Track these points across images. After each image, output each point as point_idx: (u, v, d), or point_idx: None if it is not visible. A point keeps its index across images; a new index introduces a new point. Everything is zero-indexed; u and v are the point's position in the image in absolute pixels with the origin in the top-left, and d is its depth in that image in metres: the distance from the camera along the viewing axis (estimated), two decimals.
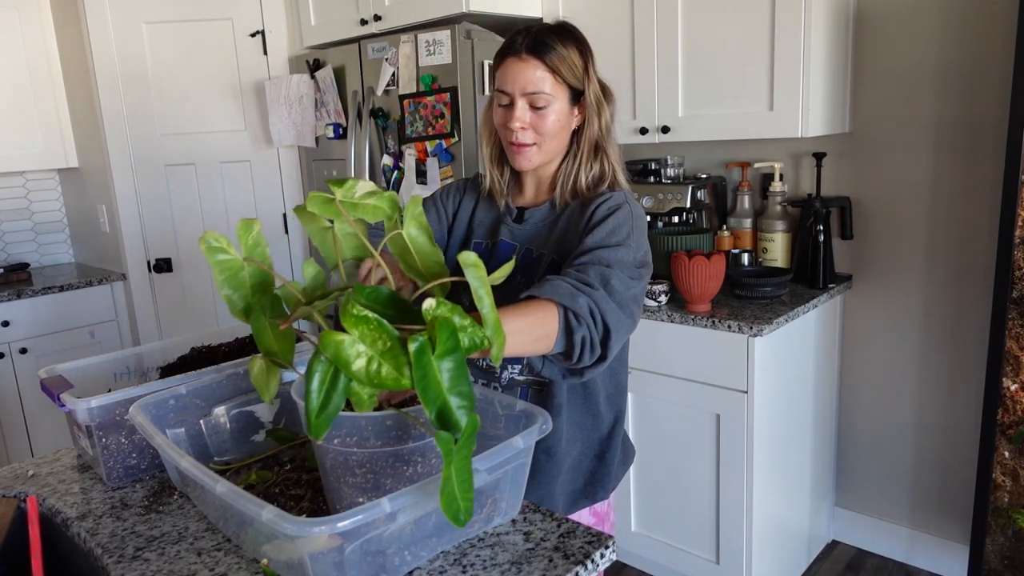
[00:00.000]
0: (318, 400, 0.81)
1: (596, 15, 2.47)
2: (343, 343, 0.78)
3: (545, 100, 1.22)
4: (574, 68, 1.24)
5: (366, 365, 0.79)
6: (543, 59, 1.21)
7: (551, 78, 1.22)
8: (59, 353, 3.06)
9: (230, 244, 0.94)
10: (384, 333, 0.79)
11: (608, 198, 1.25)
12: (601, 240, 1.18)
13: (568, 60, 1.23)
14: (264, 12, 3.04)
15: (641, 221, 1.25)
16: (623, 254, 1.17)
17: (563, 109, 1.25)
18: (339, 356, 0.78)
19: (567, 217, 1.29)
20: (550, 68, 1.21)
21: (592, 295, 1.08)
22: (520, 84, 1.22)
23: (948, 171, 2.19)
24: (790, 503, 2.31)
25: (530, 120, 1.24)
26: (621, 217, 1.21)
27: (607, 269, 1.13)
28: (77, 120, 3.26)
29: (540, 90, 1.22)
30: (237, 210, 3.19)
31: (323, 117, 2.89)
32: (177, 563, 0.98)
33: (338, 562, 0.84)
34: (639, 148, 2.76)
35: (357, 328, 0.79)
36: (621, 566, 2.51)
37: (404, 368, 0.79)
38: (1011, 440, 1.90)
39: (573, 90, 1.25)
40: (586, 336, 1.07)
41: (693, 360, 2.13)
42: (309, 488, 1.10)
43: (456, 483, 0.79)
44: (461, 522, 0.79)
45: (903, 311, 2.34)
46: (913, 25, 2.18)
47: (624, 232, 1.20)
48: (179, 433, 1.18)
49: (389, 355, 0.79)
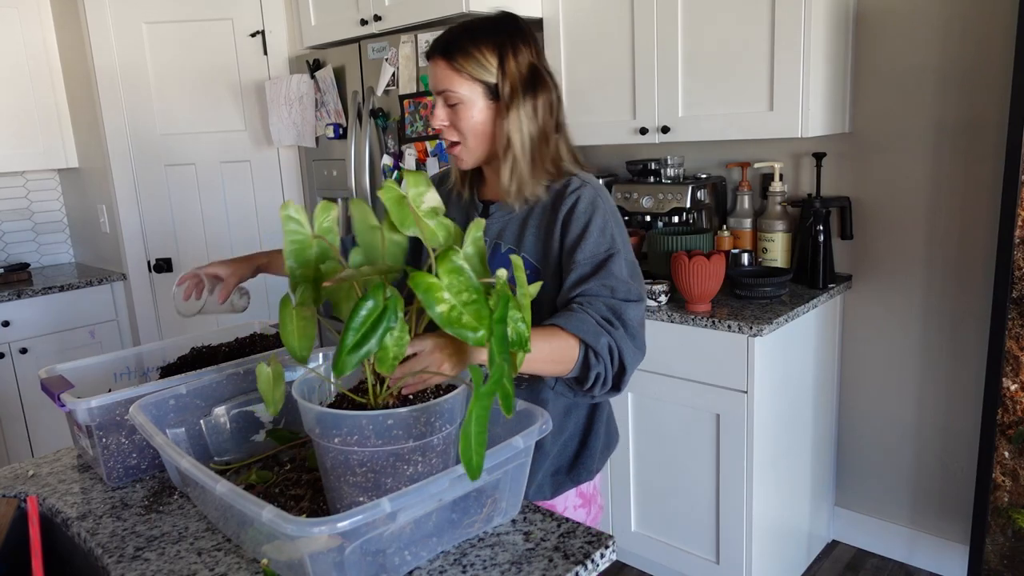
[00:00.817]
0: (354, 339, 0.83)
1: (596, 15, 2.47)
2: (434, 284, 0.83)
3: (456, 98, 1.23)
4: (484, 64, 1.22)
5: (448, 311, 0.84)
6: (447, 59, 1.23)
7: (456, 76, 1.23)
8: (59, 353, 3.06)
9: (307, 220, 0.98)
10: (471, 286, 0.86)
11: (576, 197, 1.25)
12: (592, 255, 1.21)
13: (476, 57, 1.22)
14: (264, 12, 3.04)
15: (614, 212, 1.28)
16: (619, 267, 1.21)
17: (482, 104, 1.24)
18: (428, 295, 0.83)
19: (537, 217, 1.28)
20: (454, 68, 1.23)
21: (613, 334, 1.15)
22: (433, 84, 1.26)
23: (948, 171, 2.19)
24: (790, 503, 2.31)
25: (449, 118, 1.26)
26: (599, 220, 1.23)
27: (619, 303, 1.18)
28: (77, 120, 3.27)
29: (448, 88, 1.23)
30: (237, 210, 3.20)
31: (323, 117, 2.89)
32: (177, 563, 0.98)
33: (338, 562, 0.84)
34: (639, 148, 2.76)
35: (448, 277, 0.84)
36: (621, 566, 2.51)
37: (484, 321, 0.84)
38: (1011, 440, 1.90)
39: (491, 85, 1.24)
40: (601, 373, 1.14)
41: (693, 360, 2.13)
42: (309, 488, 1.10)
43: (473, 432, 0.81)
44: (474, 474, 0.82)
45: (903, 311, 2.34)
46: (913, 25, 2.18)
47: (608, 236, 1.23)
48: (179, 433, 1.18)
49: (472, 307, 0.85)
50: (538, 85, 1.26)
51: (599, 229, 1.22)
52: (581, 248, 1.21)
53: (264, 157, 3.16)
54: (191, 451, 1.18)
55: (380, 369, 0.88)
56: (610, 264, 1.20)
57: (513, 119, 1.24)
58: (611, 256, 1.21)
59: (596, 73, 2.51)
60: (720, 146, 2.59)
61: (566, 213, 1.24)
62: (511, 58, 1.23)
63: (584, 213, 1.23)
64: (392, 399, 0.96)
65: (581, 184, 1.27)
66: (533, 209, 1.29)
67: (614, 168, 2.88)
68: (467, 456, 0.82)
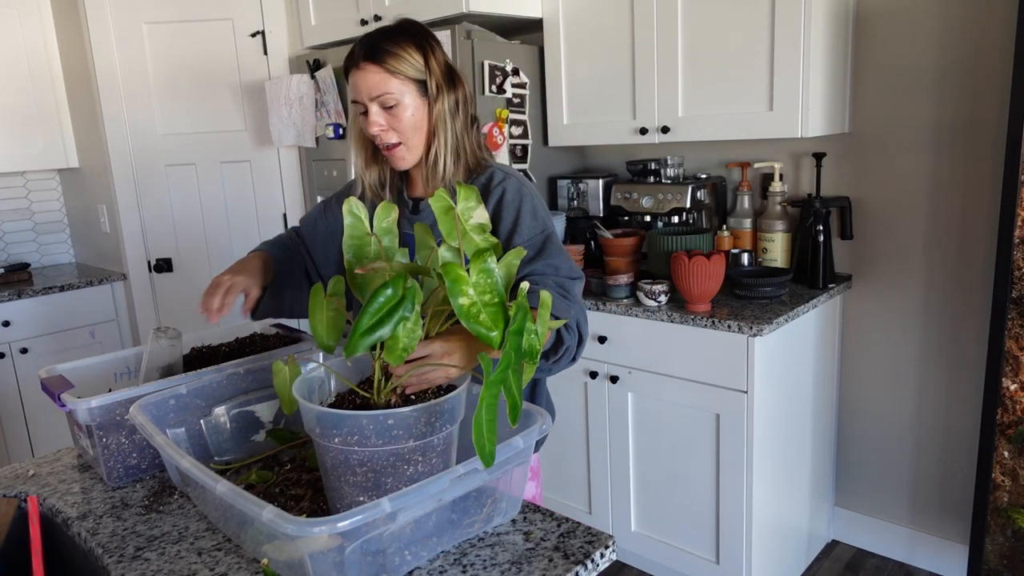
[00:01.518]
0: (369, 322, 0.86)
1: (596, 15, 2.47)
2: (463, 277, 0.87)
3: (393, 99, 1.28)
4: (413, 62, 1.28)
5: (469, 305, 0.87)
6: (379, 64, 1.27)
7: (392, 78, 1.27)
8: (59, 353, 3.06)
9: (367, 217, 1.02)
10: (495, 290, 0.89)
11: (503, 189, 1.32)
12: (530, 238, 1.29)
13: (404, 56, 1.28)
14: (264, 12, 3.04)
15: (539, 197, 1.36)
16: (557, 247, 1.29)
17: (416, 103, 1.30)
18: (455, 286, 0.86)
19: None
20: (388, 70, 1.27)
21: (572, 307, 1.23)
22: (366, 91, 1.28)
23: (948, 171, 2.19)
24: (790, 503, 2.31)
25: (386, 121, 1.30)
26: (528, 206, 1.31)
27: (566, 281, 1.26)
28: (77, 120, 3.27)
29: (384, 91, 1.27)
30: (237, 210, 3.20)
31: (323, 117, 2.89)
32: (177, 563, 0.98)
33: (338, 562, 0.84)
34: (639, 148, 2.76)
35: (477, 275, 0.88)
36: (621, 566, 2.51)
37: (500, 324, 0.88)
38: (1011, 440, 1.90)
39: (421, 83, 1.30)
40: (571, 345, 1.22)
41: (693, 360, 2.13)
42: (309, 488, 1.10)
43: (484, 420, 0.83)
44: (488, 461, 0.84)
45: (903, 311, 2.34)
46: (913, 25, 2.18)
47: (540, 219, 1.31)
48: (179, 433, 1.18)
49: (491, 308, 0.88)
50: (455, 80, 1.33)
51: (530, 214, 1.31)
52: (518, 233, 1.29)
53: (264, 157, 3.17)
54: (191, 451, 1.19)
55: (388, 358, 0.90)
56: (548, 245, 1.29)
57: (439, 113, 1.31)
58: (547, 237, 1.30)
59: (596, 73, 2.51)
60: (720, 146, 2.59)
61: (495, 204, 1.32)
62: (432, 55, 1.31)
63: (513, 201, 1.31)
64: (395, 397, 0.96)
65: (504, 176, 1.35)
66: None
67: (614, 168, 2.88)
68: (480, 444, 0.84)
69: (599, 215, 2.69)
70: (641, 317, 2.20)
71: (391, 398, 0.96)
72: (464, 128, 1.35)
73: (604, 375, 2.34)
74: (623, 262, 2.36)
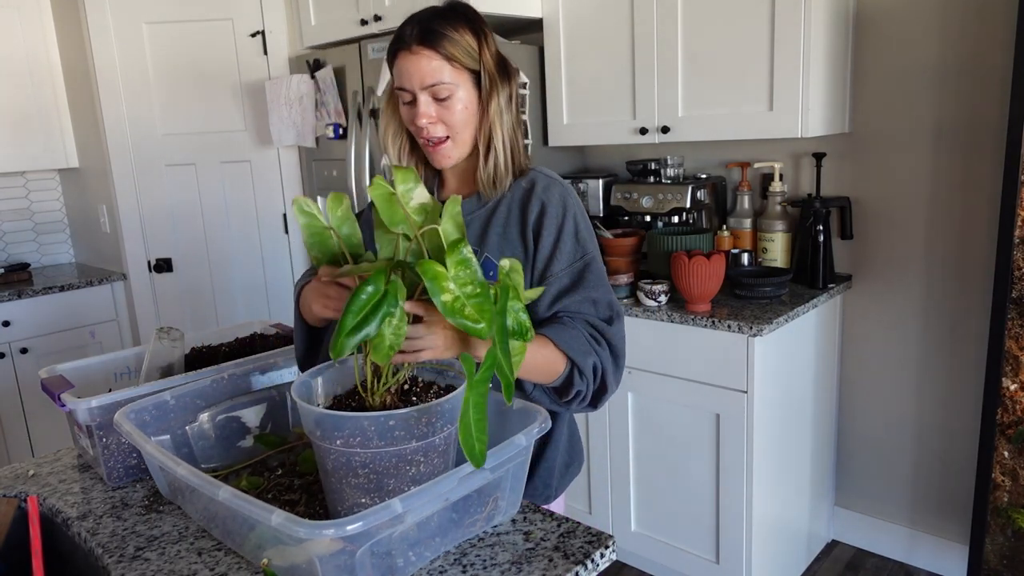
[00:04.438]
0: (353, 321, 0.84)
1: (596, 15, 2.47)
2: (441, 273, 0.85)
3: (447, 90, 1.16)
4: (470, 51, 1.16)
5: (452, 300, 0.85)
6: (436, 48, 1.14)
7: (448, 66, 1.15)
8: (59, 353, 3.06)
9: (320, 212, 0.99)
10: (475, 280, 0.86)
11: (546, 199, 1.21)
12: (569, 264, 1.19)
13: (462, 44, 1.16)
14: (264, 12, 3.04)
15: (582, 211, 1.25)
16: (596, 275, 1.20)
17: (469, 96, 1.18)
18: (435, 283, 0.84)
19: (503, 216, 1.23)
20: (444, 56, 1.14)
21: (600, 354, 1.15)
22: (418, 79, 1.15)
23: (948, 171, 2.19)
24: (790, 503, 2.31)
25: (436, 113, 1.17)
26: (570, 225, 1.20)
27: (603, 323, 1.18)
28: (77, 120, 3.27)
29: (439, 80, 1.15)
30: (237, 210, 3.20)
31: (323, 117, 2.89)
32: (177, 563, 0.98)
33: (348, 564, 0.84)
34: (639, 148, 2.76)
35: (455, 268, 0.86)
36: (621, 566, 2.51)
37: (487, 315, 0.85)
38: (1011, 440, 1.90)
39: (475, 73, 1.18)
40: (583, 391, 1.15)
41: (693, 360, 2.13)
42: (303, 493, 1.10)
43: (472, 420, 0.83)
44: (478, 461, 0.83)
45: (903, 311, 2.34)
46: (913, 25, 2.18)
47: (582, 241, 1.21)
48: (164, 440, 1.16)
49: (475, 299, 0.86)
50: (509, 73, 1.22)
51: (572, 235, 1.20)
52: (557, 259, 1.19)
53: (264, 157, 3.16)
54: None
55: (375, 358, 0.88)
56: (587, 274, 1.19)
57: (494, 108, 1.19)
58: (587, 264, 1.20)
59: (596, 73, 2.51)
60: (720, 146, 2.59)
61: (537, 217, 1.20)
62: (487, 44, 1.19)
63: (556, 217, 1.20)
64: (391, 397, 0.96)
65: (548, 182, 1.23)
66: (497, 208, 1.24)
67: (614, 168, 2.88)
68: (468, 445, 0.83)
69: (599, 215, 2.69)
70: (641, 317, 2.20)
71: (386, 399, 0.95)
72: (515, 127, 1.23)
73: None
74: (623, 262, 2.36)
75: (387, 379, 0.96)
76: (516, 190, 1.24)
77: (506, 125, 1.21)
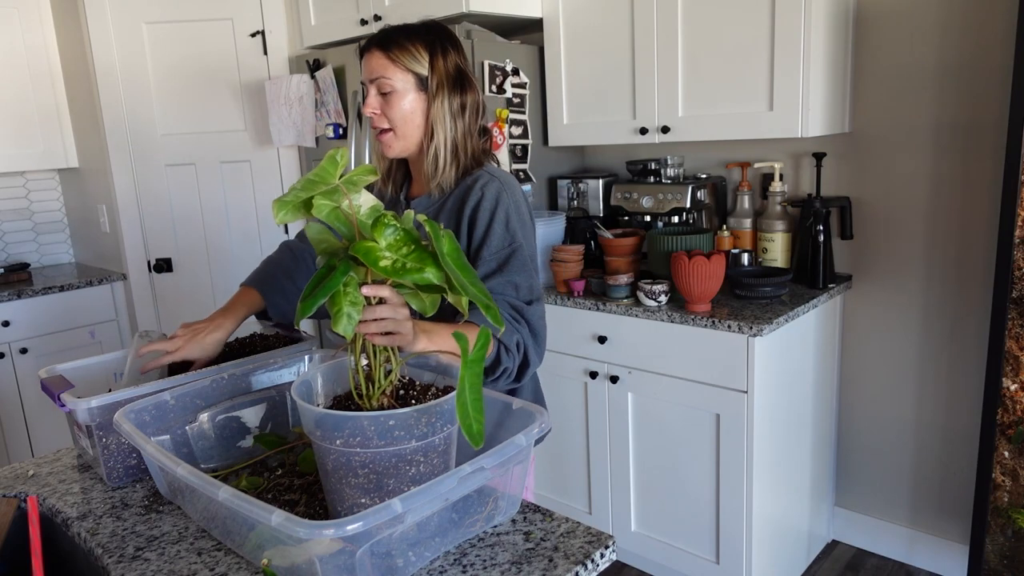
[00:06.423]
0: (308, 289, 0.91)
1: (596, 15, 2.47)
2: (373, 247, 0.90)
3: (388, 86, 1.33)
4: (417, 57, 1.33)
5: (392, 263, 0.91)
6: (384, 50, 1.34)
7: (391, 65, 1.33)
8: (59, 353, 3.06)
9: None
10: (409, 241, 0.93)
11: (481, 193, 1.34)
12: (497, 251, 1.32)
13: (410, 50, 1.33)
14: (264, 12, 3.04)
15: (518, 205, 1.37)
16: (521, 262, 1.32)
17: (413, 96, 1.34)
18: (369, 255, 0.90)
19: (448, 210, 1.38)
20: (390, 57, 1.33)
21: (520, 331, 1.28)
22: (366, 72, 1.35)
23: (948, 171, 2.19)
24: (790, 503, 2.31)
25: (380, 106, 1.35)
26: (502, 215, 1.33)
27: (522, 303, 1.30)
28: (77, 120, 3.26)
29: (381, 75, 1.33)
30: (237, 210, 3.20)
31: (323, 117, 2.89)
32: (177, 563, 0.98)
33: (349, 564, 0.84)
34: (639, 148, 2.76)
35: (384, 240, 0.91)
36: (621, 566, 2.51)
37: (427, 261, 0.92)
38: (1011, 440, 1.90)
39: (422, 78, 1.34)
40: (510, 367, 1.27)
41: (693, 360, 2.13)
42: (303, 493, 1.10)
43: (469, 400, 0.85)
44: (476, 441, 0.85)
45: (903, 311, 2.34)
46: (913, 25, 2.18)
47: (511, 231, 1.33)
48: (164, 440, 1.17)
49: (414, 256, 0.92)
50: (465, 86, 1.38)
51: (503, 224, 1.33)
52: (487, 244, 1.32)
53: (264, 157, 3.16)
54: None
55: (335, 327, 0.92)
56: (512, 260, 1.31)
57: (438, 111, 1.34)
58: (514, 252, 1.32)
59: (596, 73, 2.51)
60: (720, 146, 2.59)
61: (472, 208, 1.34)
62: (440, 56, 1.35)
63: (488, 209, 1.33)
64: (387, 399, 0.96)
65: (488, 178, 1.36)
66: (445, 203, 1.39)
67: (614, 168, 2.88)
68: (467, 424, 0.85)
69: (599, 215, 2.69)
70: (641, 317, 2.20)
71: (383, 400, 0.95)
72: (467, 133, 1.38)
73: (604, 375, 2.33)
74: (623, 262, 2.36)
75: (380, 382, 0.96)
76: (462, 187, 1.38)
77: (451, 129, 1.36)
